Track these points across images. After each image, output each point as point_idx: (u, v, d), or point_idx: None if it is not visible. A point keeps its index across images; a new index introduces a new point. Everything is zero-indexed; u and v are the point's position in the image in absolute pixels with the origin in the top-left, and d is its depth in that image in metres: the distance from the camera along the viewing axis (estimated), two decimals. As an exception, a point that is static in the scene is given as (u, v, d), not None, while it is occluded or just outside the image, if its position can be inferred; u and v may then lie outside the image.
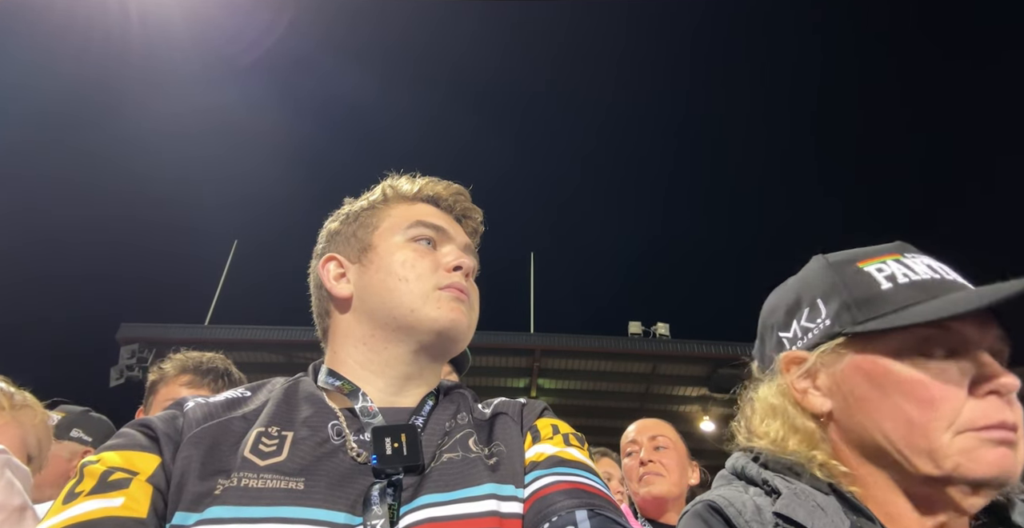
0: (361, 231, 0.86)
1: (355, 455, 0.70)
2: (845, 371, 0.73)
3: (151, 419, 0.70)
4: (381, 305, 0.80)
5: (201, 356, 1.77)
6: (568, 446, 0.77)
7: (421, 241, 0.84)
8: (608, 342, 11.28)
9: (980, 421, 0.65)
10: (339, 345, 0.83)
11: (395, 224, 0.85)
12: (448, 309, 0.79)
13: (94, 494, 0.60)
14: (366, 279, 0.82)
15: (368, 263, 0.83)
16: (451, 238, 0.87)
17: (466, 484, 0.69)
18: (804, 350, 0.77)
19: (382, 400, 0.78)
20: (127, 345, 10.61)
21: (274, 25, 22.96)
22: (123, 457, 0.64)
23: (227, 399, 0.76)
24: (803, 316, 0.79)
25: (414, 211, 0.88)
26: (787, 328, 0.80)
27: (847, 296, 0.75)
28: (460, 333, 0.81)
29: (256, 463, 0.65)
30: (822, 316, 0.76)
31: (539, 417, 0.82)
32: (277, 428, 0.70)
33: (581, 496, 0.68)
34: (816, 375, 0.76)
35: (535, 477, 0.72)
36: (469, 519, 0.65)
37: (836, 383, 0.74)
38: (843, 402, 0.73)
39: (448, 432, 0.76)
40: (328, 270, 0.85)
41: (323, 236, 0.91)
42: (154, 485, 0.63)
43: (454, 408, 0.81)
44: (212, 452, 0.67)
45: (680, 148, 32.00)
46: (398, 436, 0.71)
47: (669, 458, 1.98)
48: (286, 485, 0.64)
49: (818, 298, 0.78)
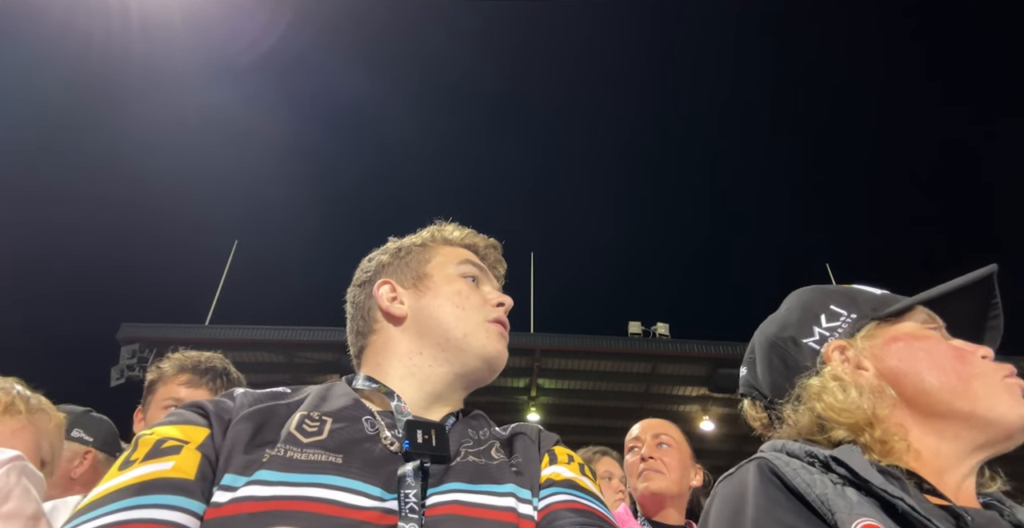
0: (415, 263, 0.97)
1: (389, 444, 0.76)
2: (883, 345, 0.86)
3: (202, 401, 0.75)
4: (438, 326, 0.89)
5: (199, 355, 1.76)
6: (583, 475, 0.83)
7: (468, 277, 0.96)
8: (608, 342, 11.28)
9: (1007, 370, 0.82)
10: (384, 358, 0.90)
11: (447, 260, 0.97)
12: (495, 340, 0.91)
13: (147, 460, 0.66)
14: (423, 303, 0.91)
15: (424, 289, 0.93)
16: (489, 279, 1.01)
17: (490, 481, 0.75)
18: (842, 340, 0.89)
19: (412, 410, 0.84)
20: (127, 345, 10.61)
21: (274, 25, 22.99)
22: (176, 429, 0.70)
23: (271, 392, 0.82)
24: (823, 321, 0.92)
25: (461, 252, 1.00)
26: (810, 334, 0.91)
27: (859, 298, 0.93)
28: (500, 363, 0.92)
29: (300, 439, 0.71)
30: (844, 315, 0.91)
31: (556, 444, 0.90)
32: (319, 413, 0.77)
33: (590, 517, 0.74)
34: (859, 358, 0.87)
35: (551, 492, 0.78)
36: (492, 510, 0.71)
37: (880, 358, 0.86)
38: (890, 370, 0.84)
39: (473, 440, 0.83)
40: (382, 293, 0.93)
41: (369, 267, 1.00)
42: (203, 453, 0.68)
43: (476, 424, 0.88)
44: (260, 428, 0.72)
45: (681, 147, 32.02)
46: (428, 430, 0.78)
47: (671, 457, 1.98)
48: (327, 458, 0.69)
49: (831, 305, 0.93)
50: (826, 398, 0.82)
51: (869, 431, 0.79)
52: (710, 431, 11.58)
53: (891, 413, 0.81)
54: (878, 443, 0.79)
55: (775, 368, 0.92)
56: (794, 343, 0.91)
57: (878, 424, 0.79)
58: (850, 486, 0.68)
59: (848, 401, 0.80)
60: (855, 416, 0.80)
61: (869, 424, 0.79)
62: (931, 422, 0.80)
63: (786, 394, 0.89)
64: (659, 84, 31.48)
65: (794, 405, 0.87)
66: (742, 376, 1.01)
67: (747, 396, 0.99)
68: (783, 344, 0.92)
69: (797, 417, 0.86)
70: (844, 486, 0.68)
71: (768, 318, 1.00)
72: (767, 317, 1.01)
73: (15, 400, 1.27)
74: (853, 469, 0.69)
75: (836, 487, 0.68)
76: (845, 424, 0.80)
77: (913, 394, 0.82)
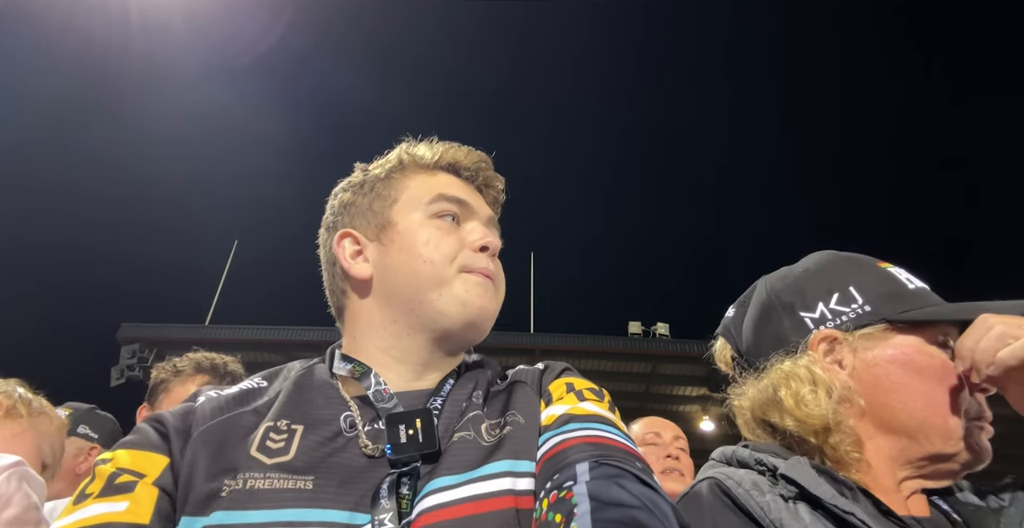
0: (378, 204, 0.81)
1: (370, 451, 0.67)
2: (880, 355, 0.79)
3: (164, 414, 0.69)
4: (404, 288, 0.75)
5: (218, 358, 1.76)
6: (583, 401, 0.73)
7: (445, 217, 0.79)
8: (608, 342, 11.28)
9: (978, 413, 0.78)
10: (359, 331, 0.79)
11: (415, 197, 0.80)
12: (475, 295, 0.75)
13: (101, 497, 0.60)
14: (387, 259, 0.77)
15: (388, 242, 0.78)
16: (475, 212, 0.82)
17: (480, 463, 0.65)
18: (838, 330, 0.81)
19: (400, 385, 0.75)
20: (127, 345, 10.62)
21: (274, 25, 22.98)
22: (133, 457, 0.64)
23: (240, 391, 0.74)
24: (833, 300, 0.83)
25: (435, 182, 0.82)
26: (811, 309, 0.84)
27: (884, 289, 0.82)
28: (486, 321, 0.77)
29: (263, 462, 0.63)
30: (858, 302, 0.82)
31: (556, 378, 0.79)
32: (287, 421, 0.68)
33: (587, 449, 0.64)
34: (843, 355, 0.80)
35: (544, 440, 0.68)
36: (481, 500, 0.62)
37: (867, 365, 0.79)
38: (872, 378, 0.78)
39: (463, 412, 0.72)
40: (344, 247, 0.80)
41: (334, 206, 0.85)
42: (160, 487, 0.62)
43: (471, 386, 0.77)
44: (220, 450, 0.65)
45: (680, 147, 32.03)
46: (413, 422, 0.68)
47: (688, 463, 1.99)
48: (294, 485, 0.62)
49: (850, 286, 0.83)
50: (793, 387, 0.78)
51: (823, 435, 0.76)
52: (710, 431, 11.58)
53: (853, 423, 0.77)
54: (830, 448, 0.76)
55: (760, 328, 0.88)
56: (791, 312, 0.85)
57: (836, 431, 0.76)
58: (802, 500, 0.68)
59: (812, 401, 0.77)
60: (813, 418, 0.76)
61: (826, 429, 0.76)
62: (891, 439, 0.77)
63: (758, 360, 0.86)
64: (659, 84, 31.48)
65: (758, 377, 0.84)
66: (727, 316, 0.96)
67: (723, 336, 0.95)
68: (780, 309, 0.86)
69: (756, 392, 0.83)
70: (796, 502, 0.68)
71: (783, 270, 0.92)
72: (782, 268, 0.94)
73: (16, 404, 1.27)
74: (802, 485, 0.69)
75: (789, 505, 0.68)
76: (800, 421, 0.77)
77: (882, 408, 0.78)
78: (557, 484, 0.60)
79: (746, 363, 0.89)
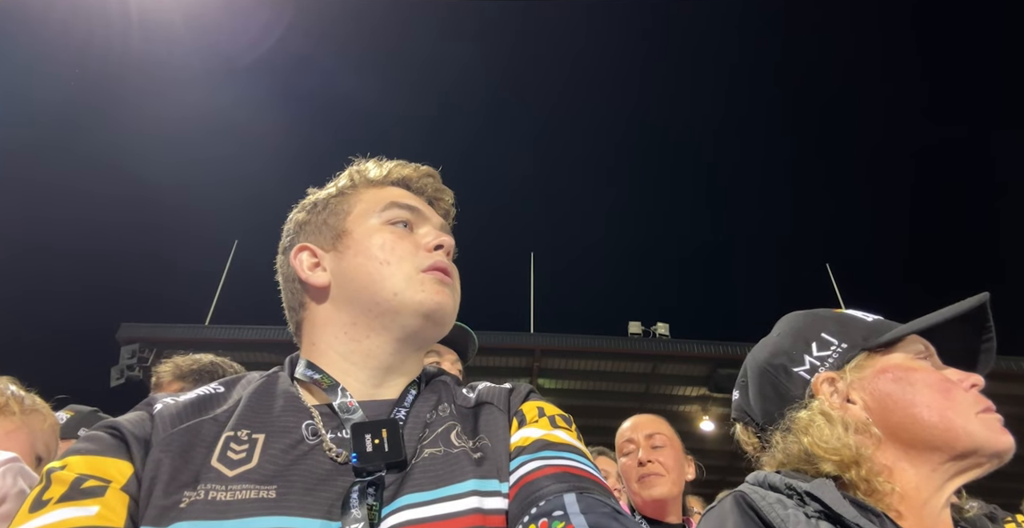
0: (332, 218, 0.83)
1: (334, 455, 0.67)
2: (872, 377, 0.87)
3: (119, 421, 0.67)
4: (363, 290, 0.77)
5: (192, 362, 1.76)
6: (555, 428, 0.75)
7: (397, 223, 0.82)
8: (608, 342, 11.27)
9: (984, 405, 0.84)
10: (318, 336, 0.79)
11: (368, 208, 0.83)
12: (433, 292, 0.77)
13: (65, 501, 0.57)
14: (344, 265, 0.79)
15: (344, 249, 0.80)
16: (426, 219, 0.85)
17: (449, 481, 0.66)
18: (831, 371, 0.90)
19: (363, 393, 0.76)
20: (127, 345, 10.61)
21: (274, 25, 23.01)
22: (92, 463, 0.61)
23: (199, 397, 0.73)
24: (813, 350, 0.92)
25: (386, 194, 0.85)
26: (801, 363, 0.93)
27: (851, 327, 0.93)
28: (446, 316, 0.79)
29: (224, 473, 0.62)
30: (835, 344, 0.92)
31: (524, 400, 0.80)
32: (248, 431, 0.67)
33: (569, 480, 0.65)
34: (848, 391, 0.88)
35: (521, 462, 0.69)
36: (451, 519, 0.62)
37: (868, 390, 0.87)
38: (878, 403, 0.86)
39: (429, 424, 0.73)
40: (301, 260, 0.82)
41: (289, 229, 0.88)
42: (129, 494, 0.60)
43: (435, 398, 0.78)
44: (180, 460, 0.63)
45: (680, 147, 32.05)
46: (379, 432, 0.68)
47: (666, 456, 1.95)
48: (257, 494, 0.61)
49: (822, 333, 0.93)
50: (813, 433, 0.84)
51: (855, 469, 0.81)
52: (710, 431, 11.58)
53: (875, 453, 0.83)
54: (863, 481, 0.81)
55: (766, 396, 0.95)
56: (785, 371, 0.93)
57: (864, 462, 0.81)
58: (825, 520, 0.71)
59: (834, 438, 0.82)
60: (841, 454, 0.81)
61: (855, 462, 0.81)
62: (912, 455, 0.83)
63: (776, 422, 0.92)
64: (658, 83, 31.51)
65: (783, 434, 0.89)
66: (734, 400, 1.04)
67: (739, 421, 1.02)
68: (774, 372, 0.94)
69: (786, 445, 0.88)
70: (819, 520, 0.71)
71: (760, 342, 1.02)
72: (759, 341, 1.03)
73: (9, 401, 1.27)
74: (826, 503, 0.71)
75: (811, 521, 0.70)
76: (832, 461, 0.82)
77: (896, 427, 0.84)
78: (545, 512, 0.61)
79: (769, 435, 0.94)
